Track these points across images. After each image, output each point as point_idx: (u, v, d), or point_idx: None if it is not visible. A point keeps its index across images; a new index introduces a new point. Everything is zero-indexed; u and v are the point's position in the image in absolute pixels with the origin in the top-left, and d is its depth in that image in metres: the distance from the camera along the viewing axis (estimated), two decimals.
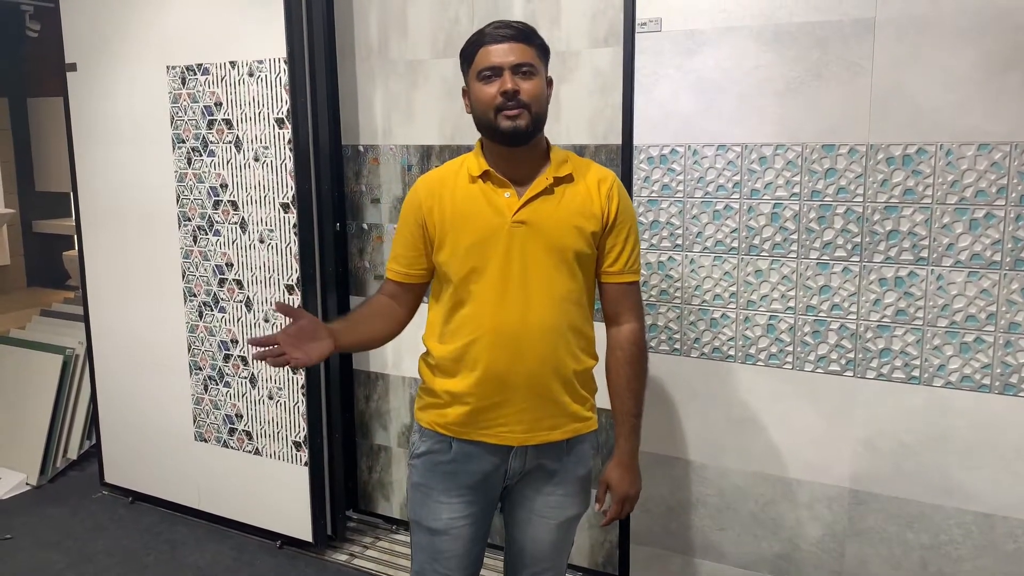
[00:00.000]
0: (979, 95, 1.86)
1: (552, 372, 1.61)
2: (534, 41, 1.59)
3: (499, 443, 1.64)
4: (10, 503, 3.31)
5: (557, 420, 1.65)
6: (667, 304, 2.28)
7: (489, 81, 1.56)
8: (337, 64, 2.82)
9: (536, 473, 1.69)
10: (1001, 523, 1.96)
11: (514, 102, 1.54)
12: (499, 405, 1.61)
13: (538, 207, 1.60)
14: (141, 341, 3.15)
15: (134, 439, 3.24)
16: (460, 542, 1.70)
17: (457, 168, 1.67)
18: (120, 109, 3.03)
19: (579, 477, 1.73)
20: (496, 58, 1.55)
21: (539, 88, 1.58)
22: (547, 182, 1.61)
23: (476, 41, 1.60)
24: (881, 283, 2.02)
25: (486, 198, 1.61)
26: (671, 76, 2.18)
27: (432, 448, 1.70)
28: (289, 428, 2.83)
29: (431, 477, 1.70)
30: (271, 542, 2.93)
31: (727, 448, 2.26)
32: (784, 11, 2.03)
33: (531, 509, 1.71)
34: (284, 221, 2.72)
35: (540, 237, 1.59)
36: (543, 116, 1.60)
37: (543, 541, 1.73)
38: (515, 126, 1.55)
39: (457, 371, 1.64)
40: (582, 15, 2.38)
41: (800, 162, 2.06)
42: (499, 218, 1.59)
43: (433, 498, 1.69)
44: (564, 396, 1.64)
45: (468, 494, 1.68)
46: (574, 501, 1.73)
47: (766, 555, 2.25)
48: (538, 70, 1.58)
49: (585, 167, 1.67)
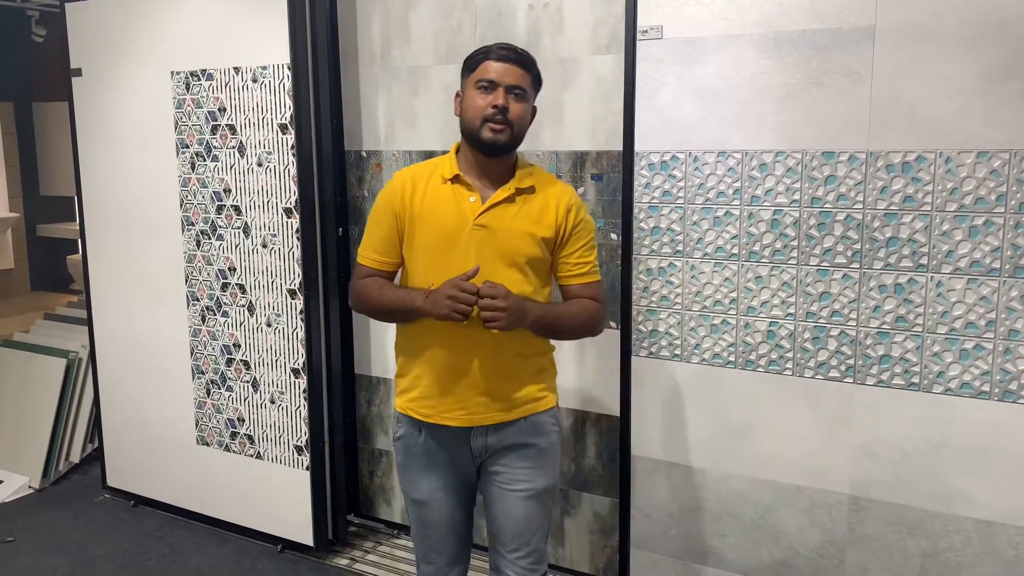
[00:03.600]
0: (978, 103, 1.86)
1: (504, 363, 1.78)
2: (532, 70, 1.76)
3: (459, 425, 1.80)
4: (12, 506, 3.32)
5: (510, 403, 1.80)
6: (667, 310, 2.29)
7: (485, 92, 1.72)
8: (340, 70, 2.83)
9: (500, 449, 1.84)
10: (1001, 530, 1.96)
11: (501, 117, 1.70)
12: (455, 392, 1.78)
13: (499, 213, 1.76)
14: (144, 345, 3.16)
15: (136, 443, 3.25)
16: (443, 511, 1.87)
17: (432, 168, 1.83)
18: (125, 114, 3.05)
19: (542, 449, 1.85)
20: (495, 74, 1.71)
21: (525, 111, 1.75)
22: (509, 191, 1.77)
23: (482, 54, 1.75)
24: (881, 290, 2.02)
25: (453, 200, 1.77)
26: (672, 83, 2.19)
27: (407, 432, 1.88)
28: (291, 432, 2.84)
29: (409, 457, 1.88)
30: (272, 546, 2.94)
31: (727, 454, 2.26)
32: (785, 19, 2.04)
33: (500, 483, 1.85)
34: (287, 226, 2.73)
35: (497, 241, 1.75)
36: (521, 136, 1.77)
37: (515, 515, 1.85)
38: (495, 139, 1.72)
39: (417, 361, 1.82)
40: (584, 23, 2.39)
41: (800, 169, 2.07)
42: (462, 220, 1.75)
43: (414, 474, 1.88)
44: (515, 383, 1.80)
45: (442, 469, 1.86)
46: (539, 473, 1.85)
47: (766, 561, 2.25)
48: (528, 96, 1.76)
49: (548, 182, 1.84)
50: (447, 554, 1.92)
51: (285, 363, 2.81)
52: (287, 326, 2.79)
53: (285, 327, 2.79)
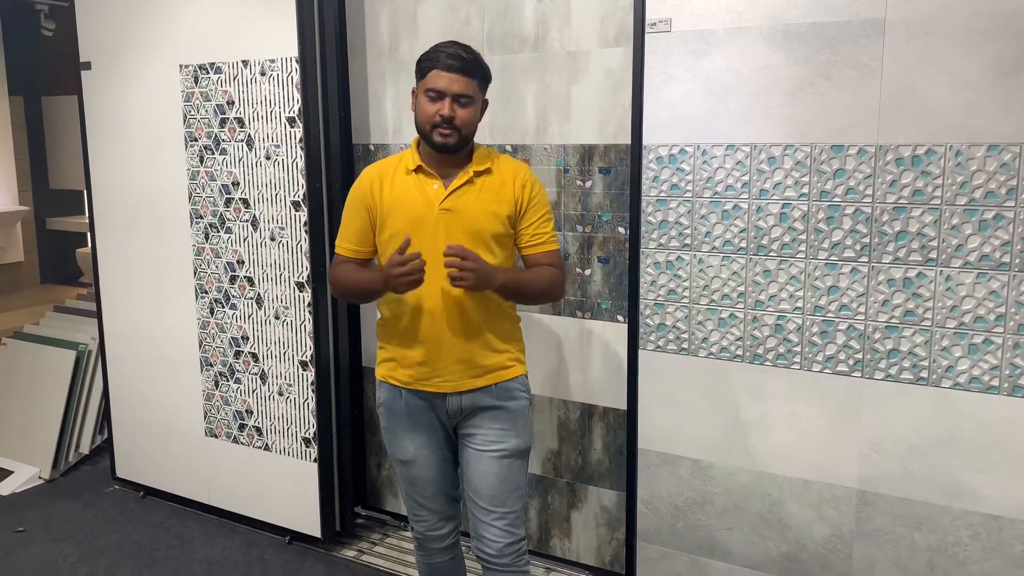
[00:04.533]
0: (989, 96, 1.85)
1: (473, 334, 1.91)
2: (477, 74, 1.88)
3: (436, 391, 1.94)
4: (23, 497, 3.34)
5: (481, 370, 1.94)
6: (675, 304, 2.29)
7: (433, 101, 1.87)
8: (348, 64, 2.83)
9: (473, 412, 1.96)
10: (1009, 525, 1.95)
11: (448, 125, 1.85)
12: (431, 363, 1.92)
13: (461, 196, 1.90)
14: (153, 337, 3.17)
15: (145, 434, 3.27)
16: (428, 468, 2.01)
17: (396, 162, 1.98)
18: (134, 107, 3.06)
19: (512, 411, 1.97)
20: (442, 84, 1.85)
21: (472, 115, 1.89)
22: (467, 175, 1.91)
23: (431, 60, 1.88)
24: (890, 284, 2.02)
25: (419, 188, 1.92)
26: (680, 76, 2.19)
27: (388, 398, 2.02)
28: (299, 424, 2.85)
29: (392, 420, 2.02)
30: (280, 537, 2.95)
31: (734, 448, 2.26)
32: (794, 12, 2.03)
33: (474, 445, 1.97)
34: (295, 219, 2.74)
35: (462, 222, 1.89)
36: (472, 135, 1.92)
37: (488, 474, 1.95)
38: (445, 142, 1.87)
39: (396, 336, 1.96)
40: (592, 16, 2.38)
41: (809, 162, 2.07)
42: (428, 206, 1.90)
43: (398, 436, 2.02)
44: (487, 352, 1.94)
45: (423, 429, 2.00)
46: (512, 433, 1.96)
47: (773, 555, 2.25)
48: (475, 99, 1.89)
49: (504, 163, 1.98)
50: (437, 511, 2.05)
51: (293, 355, 2.82)
52: (295, 319, 2.80)
53: (293, 320, 2.80)
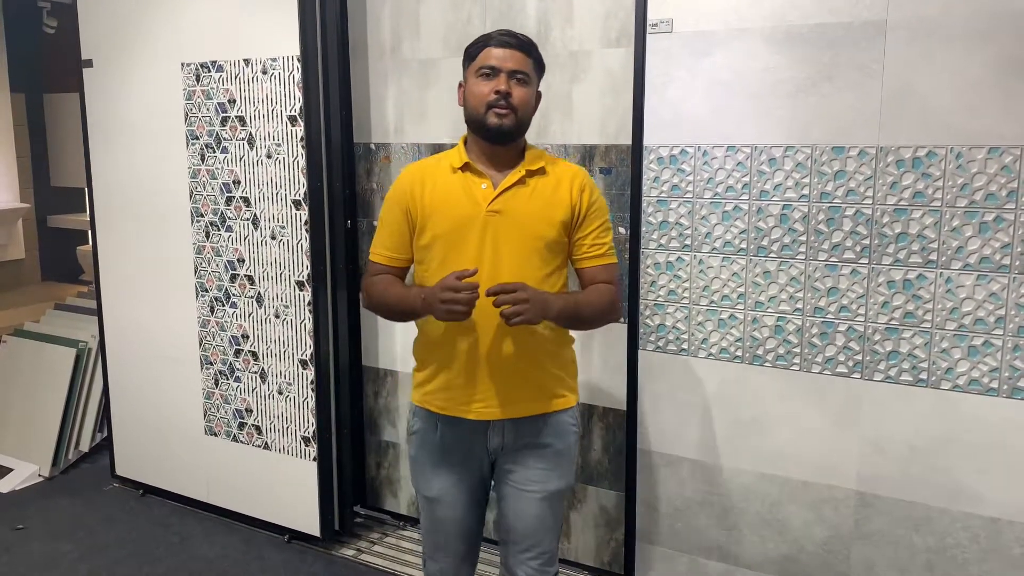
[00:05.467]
0: (990, 98, 1.85)
1: (523, 351, 1.73)
2: (533, 54, 1.74)
3: (477, 418, 1.75)
4: (23, 494, 3.34)
5: (530, 395, 1.77)
6: (675, 304, 2.29)
7: (487, 79, 1.71)
8: (350, 62, 2.83)
9: (518, 447, 1.79)
10: (1008, 528, 1.95)
11: (505, 102, 1.68)
12: (474, 382, 1.74)
13: (512, 197, 1.73)
14: (153, 335, 3.18)
15: (145, 432, 3.27)
16: (455, 509, 1.83)
17: (440, 160, 1.81)
18: (135, 105, 3.06)
19: (559, 450, 1.81)
20: (496, 60, 1.70)
21: (528, 96, 1.73)
22: (520, 174, 1.74)
23: (482, 42, 1.74)
24: (890, 285, 2.02)
25: (464, 188, 1.74)
26: (682, 77, 2.19)
27: (422, 426, 1.84)
28: (298, 423, 2.85)
29: (423, 452, 1.85)
30: (279, 536, 2.95)
31: (734, 449, 2.26)
32: (796, 13, 2.03)
33: (514, 483, 1.81)
34: (296, 218, 2.74)
35: (513, 225, 1.71)
36: (527, 122, 1.75)
37: (528, 515, 1.81)
38: (501, 124, 1.69)
39: (437, 351, 1.78)
40: (594, 16, 2.38)
41: (810, 164, 2.07)
42: (475, 207, 1.72)
43: (427, 470, 1.84)
44: (537, 373, 1.76)
45: (456, 466, 1.81)
46: (555, 474, 1.81)
47: (772, 556, 2.26)
48: (531, 80, 1.74)
49: (559, 163, 1.82)
50: (456, 553, 1.88)
51: (293, 354, 2.83)
52: (295, 317, 2.80)
53: (293, 318, 2.80)
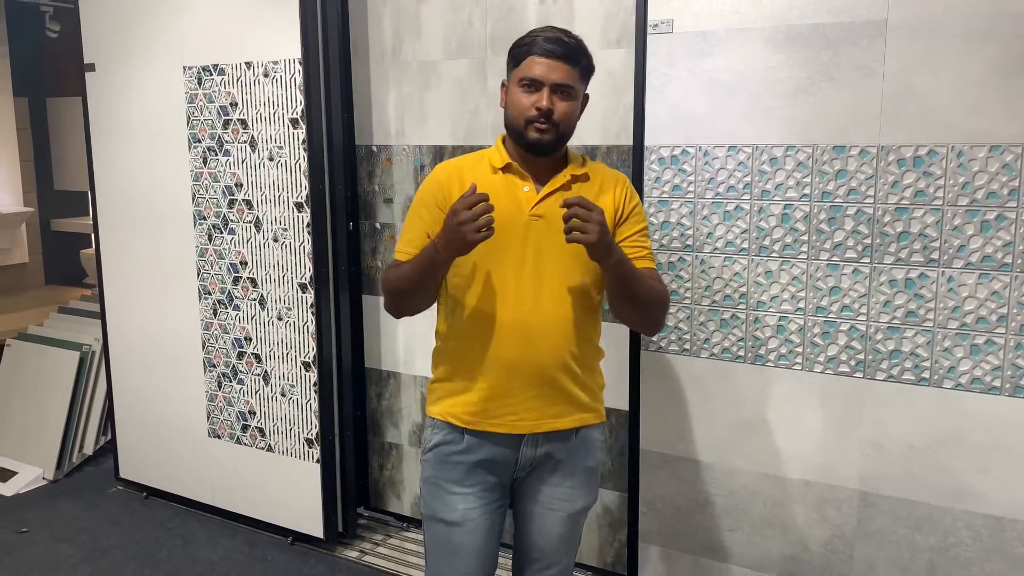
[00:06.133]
0: (991, 97, 1.85)
1: (561, 362, 1.64)
2: (580, 62, 1.62)
3: (509, 432, 1.66)
4: (26, 497, 3.35)
5: (565, 408, 1.67)
6: (677, 304, 2.29)
7: (528, 91, 1.60)
8: (351, 65, 2.84)
9: (545, 464, 1.71)
10: (1011, 526, 1.95)
11: (546, 119, 1.59)
12: (509, 393, 1.63)
13: (555, 202, 1.61)
14: (156, 338, 3.18)
15: (149, 435, 3.27)
16: (476, 535, 1.69)
17: (477, 160, 1.71)
18: (137, 109, 3.07)
19: (587, 468, 1.74)
20: (540, 72, 1.58)
21: (572, 109, 1.63)
22: (565, 178, 1.66)
23: (527, 46, 1.61)
24: (891, 284, 2.02)
25: (506, 189, 1.64)
26: (683, 77, 2.19)
27: (445, 439, 1.70)
28: (301, 425, 2.86)
29: (444, 469, 1.70)
30: (282, 538, 2.96)
31: (736, 448, 2.26)
32: (796, 13, 2.03)
33: (539, 502, 1.73)
34: (298, 220, 2.74)
35: (556, 232, 1.56)
36: (570, 133, 1.65)
37: (551, 534, 1.74)
38: (540, 140, 1.60)
39: (468, 360, 1.66)
40: (595, 17, 2.39)
41: (811, 163, 2.07)
42: (517, 210, 1.63)
43: (447, 490, 1.69)
44: (572, 386, 1.67)
45: (481, 484, 1.69)
46: (582, 493, 1.75)
47: (775, 556, 2.25)
48: (577, 92, 1.63)
49: (602, 169, 1.76)
50: None
51: (296, 356, 2.83)
52: (298, 320, 2.80)
53: (296, 321, 2.81)
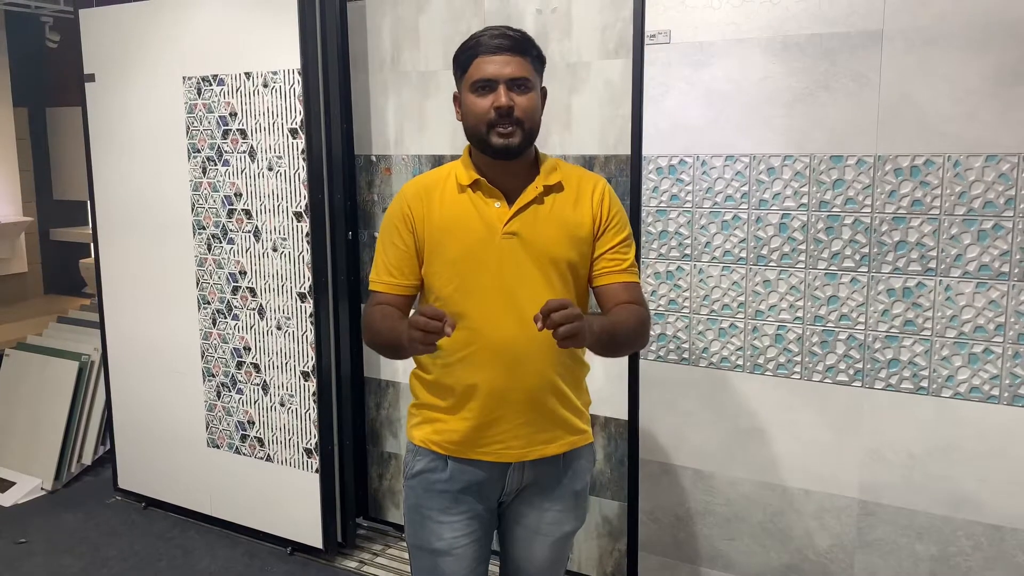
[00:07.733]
0: (987, 106, 1.86)
1: (548, 385, 1.57)
2: (530, 52, 1.52)
3: (496, 460, 1.59)
4: (25, 507, 3.34)
5: (553, 433, 1.60)
6: (675, 314, 2.29)
7: (483, 94, 1.50)
8: (350, 75, 2.85)
9: (532, 489, 1.64)
10: (1011, 535, 1.95)
11: (508, 119, 1.48)
12: (497, 421, 1.56)
13: (529, 218, 1.54)
14: (155, 348, 3.18)
15: (148, 445, 3.27)
16: (464, 562, 1.63)
17: (445, 176, 1.60)
18: (137, 119, 3.08)
19: (575, 492, 1.68)
20: (491, 70, 1.48)
21: (533, 103, 1.52)
22: (537, 191, 1.55)
23: (471, 49, 1.52)
24: (889, 294, 2.02)
25: (475, 208, 1.55)
26: (680, 87, 2.20)
27: (428, 467, 1.63)
28: (300, 435, 2.86)
29: (428, 498, 1.63)
30: (282, 548, 2.95)
31: (735, 458, 2.26)
32: (792, 23, 2.04)
33: (527, 526, 1.67)
34: (297, 230, 2.75)
35: (532, 249, 1.53)
36: (536, 130, 1.55)
37: (540, 558, 1.69)
38: (507, 143, 1.50)
39: (453, 388, 1.58)
40: (593, 27, 2.40)
41: (808, 173, 2.07)
42: (488, 230, 1.54)
43: (433, 519, 1.63)
44: (560, 408, 1.60)
45: (467, 512, 1.62)
46: (570, 517, 1.69)
47: (774, 565, 2.25)
48: (533, 84, 1.53)
49: (575, 174, 1.62)
50: None
51: (295, 366, 2.83)
52: (297, 329, 2.80)
53: (295, 330, 2.81)
